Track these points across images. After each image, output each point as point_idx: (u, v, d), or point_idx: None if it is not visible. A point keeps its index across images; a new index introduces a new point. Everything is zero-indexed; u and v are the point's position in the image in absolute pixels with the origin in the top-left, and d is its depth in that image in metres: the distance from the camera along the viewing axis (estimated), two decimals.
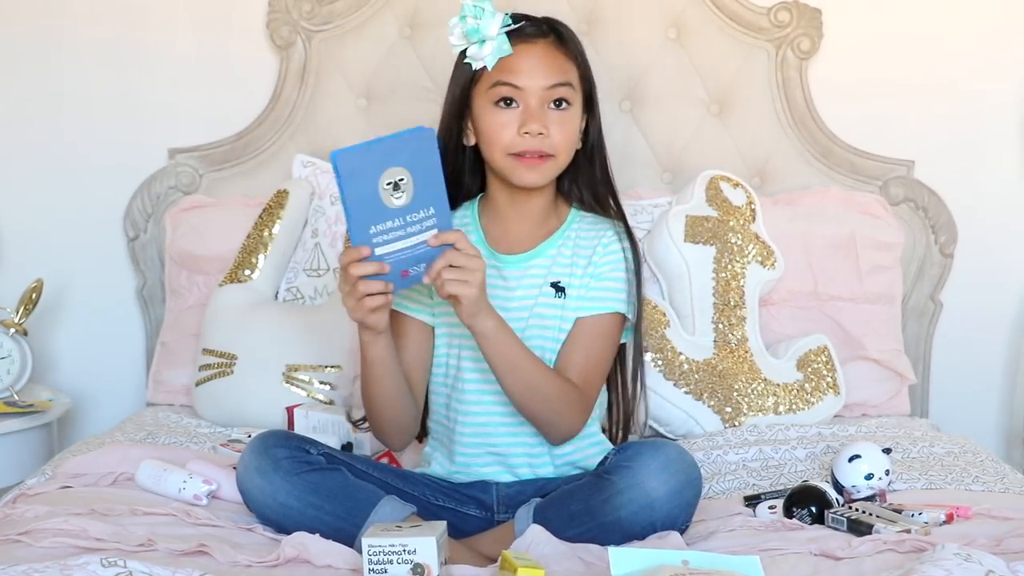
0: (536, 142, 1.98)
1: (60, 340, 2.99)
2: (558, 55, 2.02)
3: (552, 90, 2.00)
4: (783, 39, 2.84)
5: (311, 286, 2.69)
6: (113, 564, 1.59)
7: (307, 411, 2.42)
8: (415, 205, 1.78)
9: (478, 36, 1.98)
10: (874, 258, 2.71)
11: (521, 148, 1.98)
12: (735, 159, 2.84)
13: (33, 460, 2.64)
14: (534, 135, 1.98)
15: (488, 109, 2.00)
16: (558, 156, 2.01)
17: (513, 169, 2.00)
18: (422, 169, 1.77)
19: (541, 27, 2.03)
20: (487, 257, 2.05)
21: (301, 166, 2.80)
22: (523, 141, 1.98)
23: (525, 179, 2.01)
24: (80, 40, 2.92)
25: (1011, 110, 2.89)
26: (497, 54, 1.98)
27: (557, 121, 2.00)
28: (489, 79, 1.99)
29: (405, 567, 1.66)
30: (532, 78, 1.99)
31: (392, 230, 1.78)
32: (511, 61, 1.98)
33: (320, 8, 2.86)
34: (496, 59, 1.98)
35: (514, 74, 1.99)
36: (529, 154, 1.98)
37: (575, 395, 2.00)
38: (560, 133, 2.00)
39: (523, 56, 1.99)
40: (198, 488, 2.00)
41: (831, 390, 2.59)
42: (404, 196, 1.76)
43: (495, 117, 2.00)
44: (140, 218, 2.89)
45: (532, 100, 1.98)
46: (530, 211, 2.07)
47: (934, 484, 2.14)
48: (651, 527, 1.83)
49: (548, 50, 2.02)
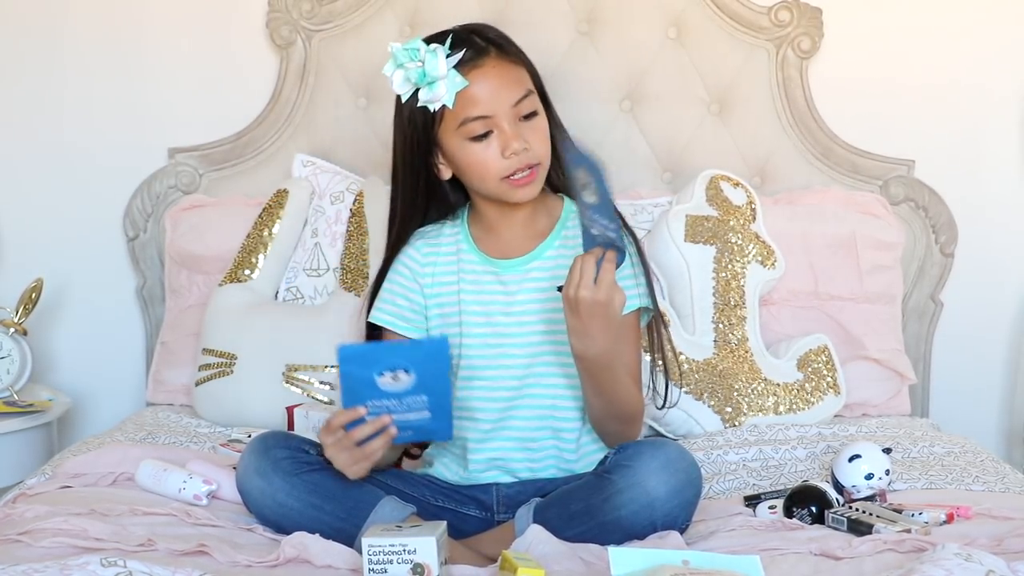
0: (523, 159, 1.96)
1: (60, 340, 2.99)
2: (509, 66, 1.98)
3: (519, 105, 1.96)
4: (783, 38, 2.84)
5: (311, 286, 2.69)
6: (113, 564, 1.59)
7: (307, 411, 2.42)
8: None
9: (426, 79, 1.94)
10: (874, 258, 2.71)
11: (511, 169, 1.96)
12: (735, 159, 2.84)
13: (33, 460, 2.64)
14: (519, 153, 1.95)
15: (464, 147, 1.97)
16: (543, 161, 2.00)
17: (508, 192, 1.99)
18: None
19: (479, 45, 1.97)
20: (483, 264, 2.05)
21: (301, 165, 2.80)
22: (511, 163, 1.96)
23: (521, 197, 2.00)
24: (80, 40, 2.92)
25: (1012, 109, 2.89)
26: (453, 90, 1.93)
27: (531, 130, 1.97)
28: (454, 117, 1.95)
29: (405, 567, 1.66)
30: (497, 103, 1.95)
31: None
32: (469, 92, 1.94)
33: (320, 8, 2.86)
34: (454, 95, 1.94)
35: (478, 105, 1.94)
36: (519, 173, 1.97)
37: (641, 399, 2.02)
38: (538, 140, 1.98)
39: (479, 83, 1.94)
40: (198, 488, 2.00)
41: (831, 390, 2.59)
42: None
43: (475, 153, 1.96)
44: (140, 218, 2.89)
45: (504, 123, 1.95)
46: (519, 217, 2.06)
47: (934, 484, 2.14)
48: (651, 526, 1.83)
49: (499, 66, 1.96)
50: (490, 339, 2.03)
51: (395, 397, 1.82)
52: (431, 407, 1.83)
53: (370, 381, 1.81)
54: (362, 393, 1.82)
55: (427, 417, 1.84)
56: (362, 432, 1.83)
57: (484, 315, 2.04)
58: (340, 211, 2.70)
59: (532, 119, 1.98)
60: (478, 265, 2.06)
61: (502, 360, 2.02)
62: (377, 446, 1.85)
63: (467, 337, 2.03)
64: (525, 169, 1.97)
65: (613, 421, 2.00)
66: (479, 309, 2.04)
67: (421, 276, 2.07)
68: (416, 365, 1.81)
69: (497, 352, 2.03)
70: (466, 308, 2.04)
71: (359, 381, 1.81)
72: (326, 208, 2.72)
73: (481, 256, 2.06)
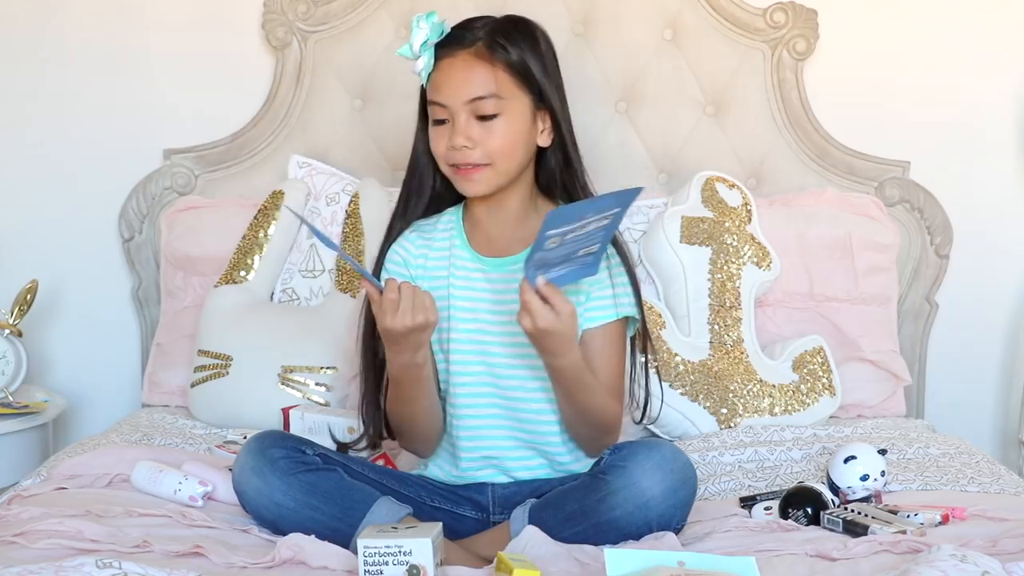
0: (462, 155, 1.98)
1: (55, 341, 2.99)
2: (480, 66, 1.99)
3: (475, 103, 1.98)
4: (779, 40, 2.84)
5: (306, 287, 2.69)
6: (108, 565, 1.58)
7: (302, 412, 2.42)
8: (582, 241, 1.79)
9: (409, 51, 1.99)
10: (870, 259, 2.71)
11: (452, 161, 1.99)
12: (731, 160, 2.84)
13: (28, 461, 2.64)
14: (458, 148, 1.97)
15: (431, 125, 2.02)
16: (496, 164, 1.99)
17: (455, 181, 2.02)
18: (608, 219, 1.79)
19: (463, 37, 2.00)
20: (473, 261, 2.06)
21: (297, 167, 2.80)
22: (451, 155, 1.99)
23: (465, 189, 2.02)
24: (75, 41, 2.91)
25: (1007, 112, 2.90)
26: (426, 69, 1.99)
27: (486, 131, 1.98)
28: (428, 95, 2.02)
29: (400, 568, 1.66)
30: (453, 94, 1.98)
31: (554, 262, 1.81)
32: (436, 77, 2.00)
33: (316, 9, 2.86)
34: (426, 74, 1.99)
35: (439, 92, 1.99)
36: (462, 166, 1.99)
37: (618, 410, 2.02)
38: (491, 141, 1.98)
39: (443, 71, 1.99)
40: (194, 489, 2.00)
41: (827, 391, 2.59)
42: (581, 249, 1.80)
43: (434, 135, 2.01)
44: (135, 219, 2.89)
45: (458, 115, 1.98)
46: (506, 214, 2.06)
47: (930, 485, 2.14)
48: (646, 527, 1.83)
49: (468, 62, 1.99)
50: (475, 335, 2.03)
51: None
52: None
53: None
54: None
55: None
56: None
57: (471, 311, 2.04)
58: (336, 212, 2.70)
59: (490, 120, 1.98)
60: (469, 261, 2.06)
61: (487, 357, 2.03)
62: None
63: (455, 332, 2.04)
64: (467, 164, 1.98)
65: (584, 427, 2.01)
66: (467, 304, 2.05)
67: (413, 267, 2.08)
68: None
69: (482, 348, 2.03)
70: (455, 303, 2.05)
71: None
72: (322, 209, 2.72)
73: (472, 253, 2.07)
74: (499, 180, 2.01)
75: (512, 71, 2.00)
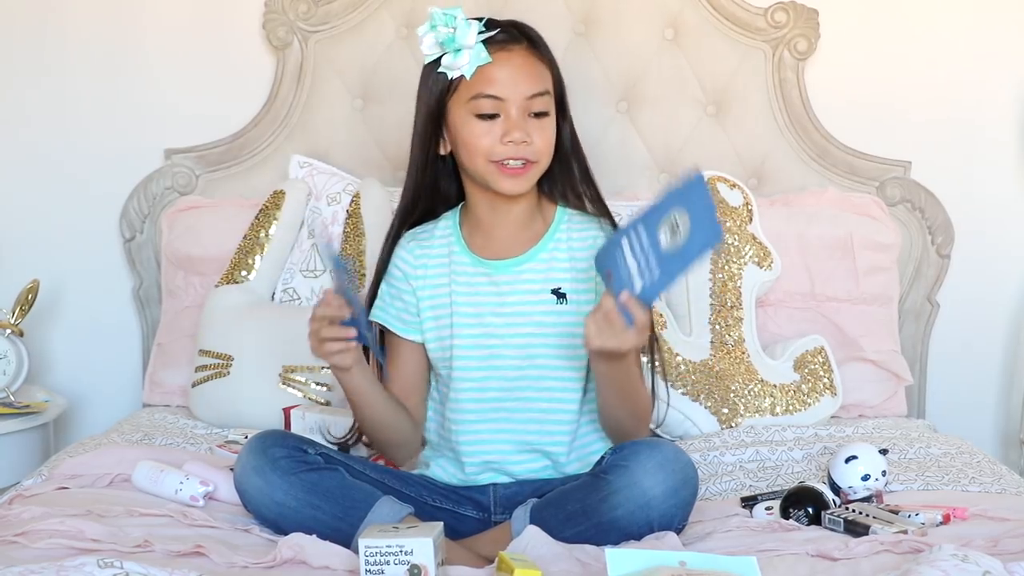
0: (520, 149, 1.97)
1: (56, 341, 2.99)
2: (535, 62, 2.00)
3: (532, 100, 1.98)
4: (780, 40, 2.84)
5: (307, 287, 2.69)
6: (109, 565, 1.58)
7: (303, 412, 2.42)
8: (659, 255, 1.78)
9: (454, 45, 1.97)
10: (871, 259, 2.71)
11: (504, 156, 1.97)
12: (732, 160, 2.84)
13: (29, 461, 2.64)
14: (518, 143, 1.96)
15: (468, 120, 1.98)
16: (540, 161, 2.01)
17: (495, 177, 1.99)
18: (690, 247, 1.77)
19: (513, 33, 2.01)
20: (474, 265, 2.05)
21: (297, 167, 2.80)
22: (506, 149, 1.97)
23: (507, 187, 2.00)
24: (76, 41, 2.91)
25: (1008, 111, 2.90)
26: (475, 63, 1.96)
27: (538, 128, 1.99)
28: (468, 89, 1.97)
29: (402, 568, 1.66)
30: (513, 88, 1.97)
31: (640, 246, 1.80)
32: (489, 70, 1.97)
33: (317, 8, 2.86)
34: (474, 68, 1.96)
35: (494, 85, 1.97)
36: (512, 162, 1.98)
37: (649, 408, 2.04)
38: (542, 139, 1.99)
39: (501, 65, 1.97)
40: (195, 489, 2.00)
41: (828, 391, 2.59)
42: (665, 241, 1.78)
43: (476, 130, 1.98)
44: (136, 219, 2.89)
45: (513, 110, 1.97)
46: (513, 216, 2.06)
47: (931, 485, 2.14)
48: (648, 526, 1.83)
49: (525, 58, 2.00)
50: (481, 340, 2.03)
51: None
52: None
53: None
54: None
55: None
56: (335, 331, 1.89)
57: (475, 316, 2.04)
58: (337, 212, 2.70)
59: (542, 118, 2.00)
60: (470, 266, 2.06)
61: (493, 361, 2.03)
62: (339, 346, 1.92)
63: (458, 338, 2.04)
64: (519, 160, 1.97)
65: (631, 420, 2.02)
66: (470, 311, 2.04)
67: (413, 278, 2.08)
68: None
69: (488, 353, 2.03)
70: (457, 309, 2.05)
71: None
72: (322, 209, 2.72)
73: (473, 257, 2.06)
74: (536, 179, 2.03)
75: (552, 73, 2.03)
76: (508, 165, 1.98)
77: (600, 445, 2.07)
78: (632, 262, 1.81)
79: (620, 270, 1.82)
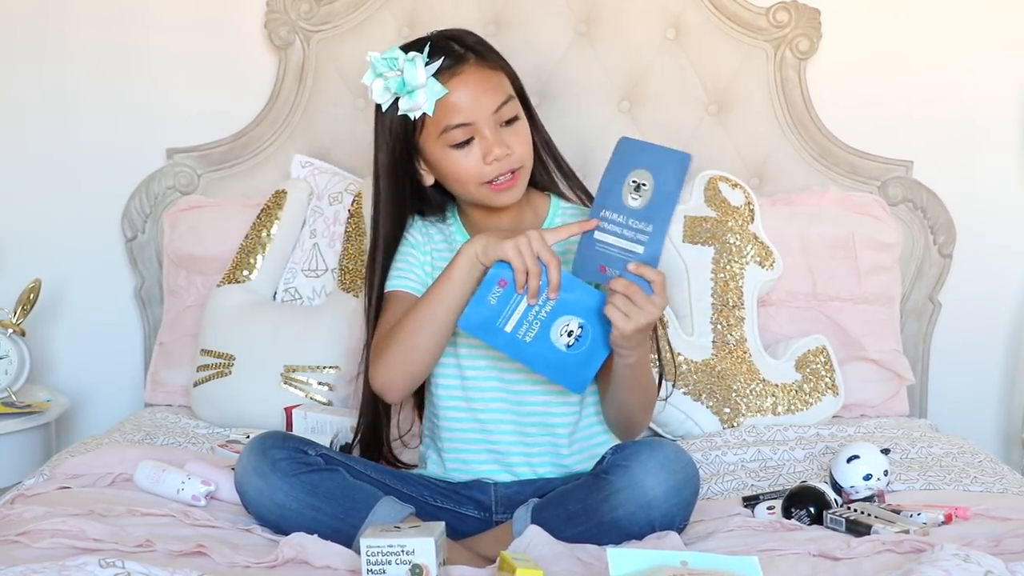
0: (504, 164, 1.97)
1: (58, 340, 2.99)
2: (489, 73, 1.99)
3: (500, 111, 1.97)
4: (782, 39, 2.84)
5: (309, 287, 2.69)
6: (111, 565, 1.58)
7: (305, 412, 2.42)
8: (641, 214, 1.83)
9: (406, 88, 1.95)
10: (873, 258, 2.71)
11: (493, 175, 1.98)
12: (734, 159, 2.84)
13: (31, 461, 2.64)
14: (501, 159, 1.97)
15: (445, 153, 1.98)
16: (525, 165, 2.01)
17: (489, 196, 2.00)
18: (663, 187, 1.83)
19: (457, 52, 1.98)
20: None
21: (299, 166, 2.80)
22: (492, 168, 1.97)
23: (503, 201, 2.01)
24: (78, 40, 2.92)
25: (1010, 111, 2.89)
26: (433, 98, 1.95)
27: (513, 135, 1.98)
28: (435, 125, 1.96)
29: (403, 568, 1.66)
30: (478, 110, 1.96)
31: (615, 223, 1.84)
32: (449, 100, 1.95)
33: (318, 8, 2.86)
34: (433, 103, 1.95)
35: (459, 113, 1.96)
36: (501, 177, 1.98)
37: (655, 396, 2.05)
38: (520, 144, 1.99)
39: (459, 91, 1.95)
40: (196, 489, 2.00)
41: (829, 391, 2.59)
42: (639, 201, 1.82)
43: (457, 160, 1.97)
44: (138, 218, 2.89)
45: (486, 129, 1.96)
46: (505, 218, 2.07)
47: (932, 485, 2.14)
48: (649, 526, 1.83)
49: (478, 73, 1.98)
50: None
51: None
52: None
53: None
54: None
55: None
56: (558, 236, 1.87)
57: None
58: (338, 212, 2.70)
59: (513, 124, 2.00)
60: None
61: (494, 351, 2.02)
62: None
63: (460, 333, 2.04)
64: (507, 173, 1.98)
65: (640, 412, 2.03)
66: None
67: (424, 252, 2.09)
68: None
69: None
70: None
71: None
72: (324, 209, 2.72)
73: None
74: (526, 181, 2.03)
75: (506, 74, 2.02)
76: (498, 182, 1.98)
77: (604, 438, 2.08)
78: (617, 240, 1.84)
79: (611, 258, 1.85)
